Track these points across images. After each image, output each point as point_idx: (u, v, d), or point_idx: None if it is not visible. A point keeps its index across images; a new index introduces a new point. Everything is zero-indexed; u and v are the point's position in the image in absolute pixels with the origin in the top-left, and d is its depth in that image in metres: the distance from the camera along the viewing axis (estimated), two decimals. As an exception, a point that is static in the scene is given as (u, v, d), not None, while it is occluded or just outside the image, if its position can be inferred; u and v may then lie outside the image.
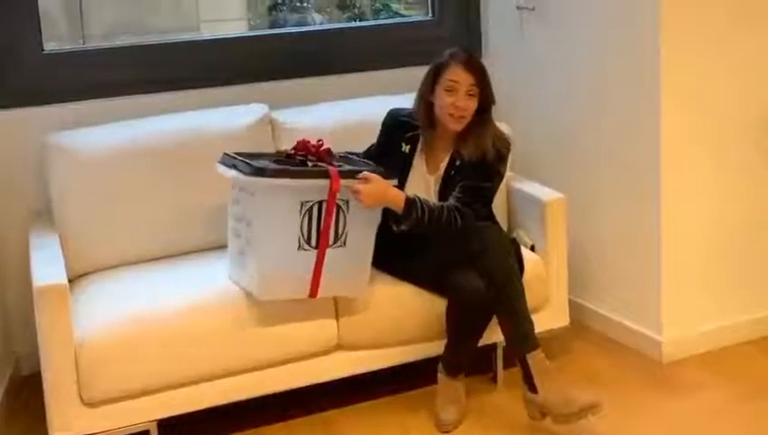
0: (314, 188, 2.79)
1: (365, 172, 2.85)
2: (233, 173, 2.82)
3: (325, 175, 2.80)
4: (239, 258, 2.92)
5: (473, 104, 2.98)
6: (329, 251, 2.84)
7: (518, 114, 3.75)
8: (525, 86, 3.84)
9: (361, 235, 2.91)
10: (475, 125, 3.00)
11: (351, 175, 2.84)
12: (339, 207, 2.83)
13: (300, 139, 2.99)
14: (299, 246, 2.81)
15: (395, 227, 2.96)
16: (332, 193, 2.80)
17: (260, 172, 2.73)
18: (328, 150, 2.95)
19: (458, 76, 2.96)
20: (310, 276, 2.84)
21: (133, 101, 3.46)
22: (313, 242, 2.82)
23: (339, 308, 2.99)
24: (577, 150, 3.63)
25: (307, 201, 2.79)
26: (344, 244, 2.87)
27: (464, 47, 3.10)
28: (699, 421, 2.97)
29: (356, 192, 2.82)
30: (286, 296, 2.88)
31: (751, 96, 3.35)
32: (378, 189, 2.85)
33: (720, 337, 3.42)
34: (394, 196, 2.89)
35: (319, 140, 2.96)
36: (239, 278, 2.94)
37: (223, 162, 2.90)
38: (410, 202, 2.88)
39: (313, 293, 2.86)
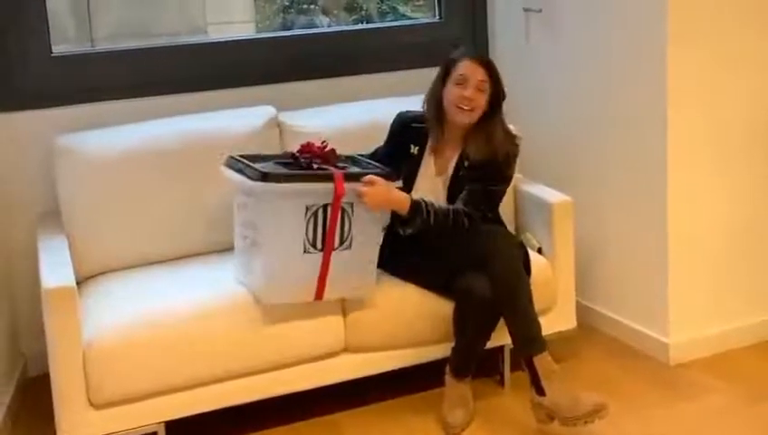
0: (319, 192, 2.80)
1: (369, 175, 2.86)
2: (238, 178, 2.83)
3: (330, 179, 2.80)
4: (246, 261, 2.93)
5: (482, 98, 2.98)
6: (334, 254, 2.84)
7: (524, 116, 3.75)
8: (532, 88, 3.84)
9: (367, 237, 2.91)
10: (485, 122, 3.01)
11: (356, 178, 2.84)
12: (344, 210, 2.83)
13: (304, 141, 2.99)
14: (304, 250, 2.81)
15: (401, 231, 2.97)
16: (337, 197, 2.80)
17: (265, 177, 2.74)
18: (333, 151, 2.96)
19: (468, 70, 2.97)
20: (315, 279, 2.85)
21: (141, 104, 3.47)
22: (319, 245, 2.82)
23: (346, 310, 2.99)
24: (584, 152, 3.62)
25: (312, 205, 2.79)
26: (350, 246, 2.87)
27: (471, 48, 3.10)
28: (706, 424, 2.97)
29: (359, 195, 2.83)
30: (292, 300, 2.88)
31: (758, 97, 3.34)
32: (381, 193, 2.86)
33: (727, 340, 3.41)
34: (398, 199, 2.90)
35: (323, 142, 2.97)
36: (246, 281, 2.94)
37: (228, 165, 2.91)
38: (415, 205, 2.89)
39: (319, 295, 2.87)
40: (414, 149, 3.10)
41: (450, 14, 4.00)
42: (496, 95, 3.01)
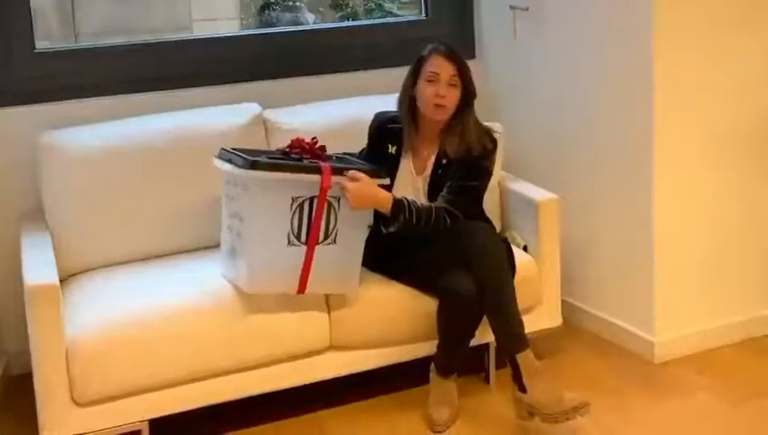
0: (306, 184, 2.80)
1: (353, 172, 2.85)
2: (228, 166, 2.83)
3: (317, 171, 2.80)
4: (231, 253, 2.92)
5: (454, 94, 2.98)
6: (318, 248, 2.84)
7: (511, 114, 3.76)
8: (518, 86, 3.84)
9: (352, 232, 2.91)
10: (458, 119, 3.01)
11: (342, 172, 2.84)
12: (330, 205, 2.83)
13: (294, 137, 2.99)
14: (288, 242, 2.81)
15: (384, 229, 2.97)
16: (323, 189, 2.80)
17: (254, 165, 2.74)
18: (323, 148, 2.96)
19: (439, 66, 2.97)
20: (298, 273, 2.84)
21: (125, 100, 3.45)
22: (303, 238, 2.82)
23: (331, 308, 2.99)
24: (570, 150, 3.63)
25: (298, 196, 2.79)
26: (334, 241, 2.87)
27: (447, 43, 3.09)
28: (691, 421, 2.97)
29: (343, 189, 2.82)
30: (274, 291, 2.88)
31: (745, 97, 3.35)
32: (364, 190, 2.85)
33: (712, 338, 3.42)
34: (382, 198, 2.89)
35: (313, 138, 2.97)
36: (230, 274, 2.94)
37: (220, 156, 2.91)
38: (398, 204, 2.88)
39: (301, 289, 2.87)
40: (392, 149, 3.09)
41: (436, 11, 3.99)
42: (467, 90, 3.01)
